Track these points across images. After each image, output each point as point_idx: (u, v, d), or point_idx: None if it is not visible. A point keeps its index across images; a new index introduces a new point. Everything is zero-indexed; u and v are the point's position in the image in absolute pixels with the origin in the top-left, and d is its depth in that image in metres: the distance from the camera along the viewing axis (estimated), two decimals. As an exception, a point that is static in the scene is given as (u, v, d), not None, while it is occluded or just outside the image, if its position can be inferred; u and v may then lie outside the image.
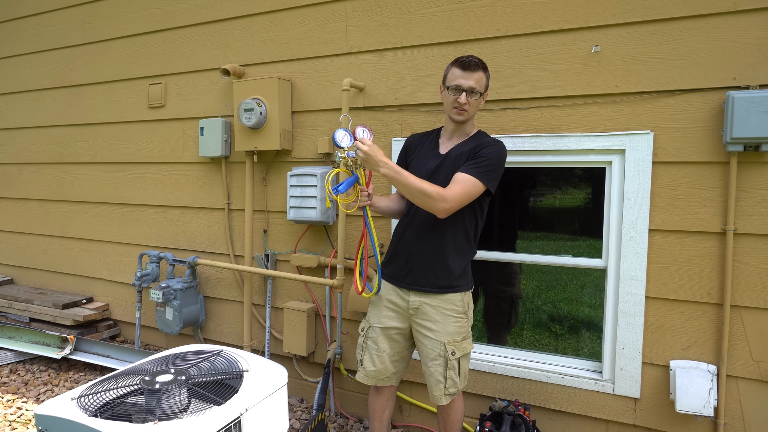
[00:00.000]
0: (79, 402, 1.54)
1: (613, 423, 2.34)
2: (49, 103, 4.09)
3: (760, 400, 2.09)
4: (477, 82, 2.00)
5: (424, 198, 1.90)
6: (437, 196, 1.89)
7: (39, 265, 4.33)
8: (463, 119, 2.06)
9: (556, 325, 2.58)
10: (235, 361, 1.84)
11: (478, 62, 2.01)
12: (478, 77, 2.01)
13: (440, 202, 1.89)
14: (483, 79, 2.03)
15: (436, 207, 1.90)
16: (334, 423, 2.87)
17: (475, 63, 2.00)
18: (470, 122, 2.11)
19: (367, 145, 1.91)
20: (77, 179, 3.99)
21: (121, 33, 3.65)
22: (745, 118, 1.94)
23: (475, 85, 2.00)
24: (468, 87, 2.00)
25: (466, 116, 2.05)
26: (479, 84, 2.01)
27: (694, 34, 2.08)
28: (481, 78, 2.02)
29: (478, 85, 2.01)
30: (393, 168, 1.91)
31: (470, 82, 2.00)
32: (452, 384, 2.06)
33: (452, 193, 1.91)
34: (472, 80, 2.00)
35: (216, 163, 3.33)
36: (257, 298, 3.24)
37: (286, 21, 3.00)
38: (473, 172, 1.94)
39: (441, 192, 1.89)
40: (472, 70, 2.00)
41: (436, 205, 1.90)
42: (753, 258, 2.06)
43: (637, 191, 2.20)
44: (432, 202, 1.90)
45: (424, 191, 1.89)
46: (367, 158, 1.91)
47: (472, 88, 2.00)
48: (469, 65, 2.00)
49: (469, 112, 2.04)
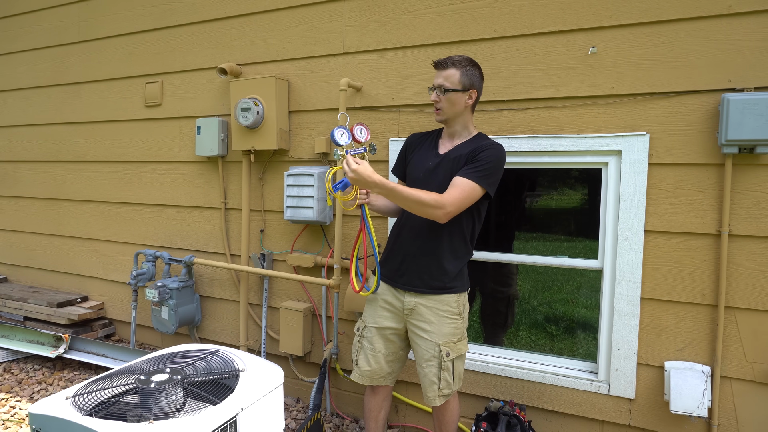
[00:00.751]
0: (73, 401, 1.54)
1: (608, 423, 2.35)
2: (44, 101, 4.07)
3: (753, 401, 2.10)
4: (446, 78, 2.00)
5: (423, 207, 1.89)
6: (435, 203, 1.87)
7: (34, 264, 4.31)
8: (440, 118, 2.06)
9: (552, 325, 2.58)
10: (231, 360, 1.84)
11: (452, 60, 2.00)
12: (448, 74, 2.00)
13: (439, 209, 1.88)
14: (455, 76, 1.99)
15: (435, 214, 1.90)
16: (330, 423, 2.87)
17: (446, 61, 2.01)
18: (462, 123, 2.09)
19: (355, 166, 1.83)
20: (73, 178, 3.98)
21: (118, 31, 3.64)
22: (740, 120, 1.95)
23: (443, 81, 2.00)
24: (437, 84, 2.01)
25: (442, 115, 2.05)
26: (449, 80, 1.99)
27: (690, 36, 2.09)
28: (451, 75, 1.99)
29: (447, 81, 1.99)
30: (385, 186, 1.87)
31: (439, 80, 2.01)
32: (446, 385, 2.06)
33: (450, 199, 1.90)
34: (441, 77, 2.01)
35: (213, 163, 3.32)
36: (253, 297, 3.23)
37: (284, 20, 2.99)
38: (472, 176, 1.93)
39: (438, 199, 1.88)
40: (441, 68, 2.01)
41: (435, 212, 1.89)
42: (747, 259, 2.07)
43: (632, 193, 2.20)
44: (431, 210, 1.89)
45: (421, 201, 1.87)
46: (357, 179, 1.84)
47: (441, 85, 2.00)
48: (439, 64, 2.02)
49: (444, 110, 2.03)
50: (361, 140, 2.03)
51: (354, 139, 2.00)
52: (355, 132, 2.01)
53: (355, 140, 2.01)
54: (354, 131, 2.01)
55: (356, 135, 2.01)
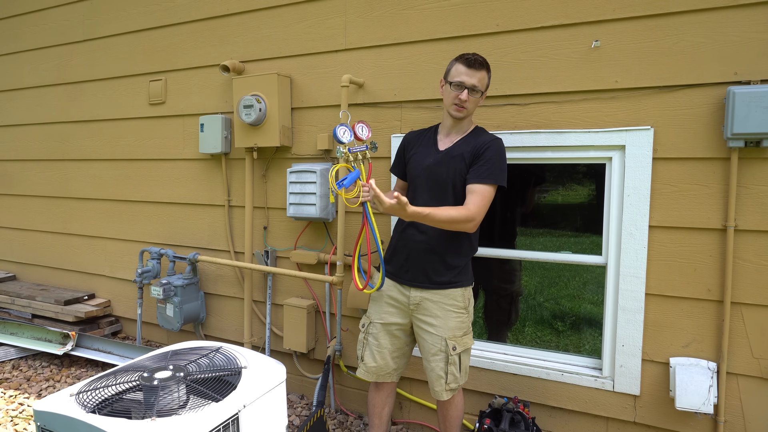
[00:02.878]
0: (77, 398, 1.55)
1: (613, 420, 2.33)
2: (50, 100, 4.09)
3: (760, 398, 2.08)
4: (480, 81, 2.02)
5: (455, 224, 1.93)
6: (466, 218, 1.92)
7: (41, 262, 4.34)
8: (462, 116, 2.06)
9: (557, 322, 2.57)
10: (234, 357, 1.84)
11: (483, 61, 2.02)
12: (482, 76, 2.02)
13: (469, 222, 1.94)
14: (485, 79, 2.04)
15: (467, 227, 1.96)
16: (333, 419, 2.88)
17: (479, 62, 2.01)
18: (469, 119, 2.12)
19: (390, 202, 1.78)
20: (79, 176, 4.00)
21: (122, 29, 3.65)
22: (746, 113, 1.92)
23: (477, 83, 2.01)
24: (471, 85, 2.00)
25: (464, 113, 2.05)
26: (482, 83, 2.03)
27: (696, 28, 2.07)
28: (484, 77, 2.03)
29: (480, 84, 2.02)
30: (420, 214, 1.85)
31: (473, 80, 2.00)
32: (453, 379, 2.06)
33: (477, 209, 1.95)
34: (476, 78, 2.01)
35: (216, 160, 3.33)
36: (257, 294, 3.24)
37: (286, 17, 2.99)
38: (486, 178, 1.98)
39: (467, 213, 1.93)
40: (476, 69, 2.01)
41: (466, 226, 1.95)
42: (754, 255, 2.04)
43: (637, 187, 2.18)
44: (462, 225, 1.94)
45: (453, 219, 1.91)
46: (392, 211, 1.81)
47: (474, 86, 2.01)
48: (474, 63, 2.00)
49: (468, 109, 2.05)
50: (362, 138, 2.03)
51: (356, 136, 2.01)
52: (356, 130, 2.02)
53: (357, 138, 2.02)
54: (356, 129, 2.01)
55: (358, 133, 2.02)
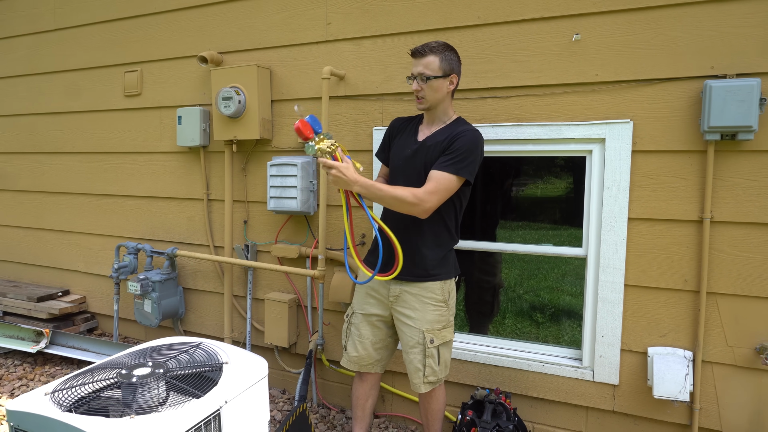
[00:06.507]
0: (53, 397, 1.50)
1: (593, 409, 2.37)
2: (20, 91, 3.96)
3: (734, 385, 2.13)
4: (426, 66, 1.99)
5: (402, 204, 1.92)
6: (414, 200, 1.90)
7: (12, 258, 4.22)
8: (424, 107, 2.06)
9: (537, 313, 2.60)
10: (215, 353, 1.82)
11: (429, 47, 1.99)
12: (427, 62, 1.99)
13: (417, 206, 1.91)
14: (434, 62, 1.98)
15: (414, 210, 1.93)
16: (316, 413, 2.87)
17: (423, 48, 2.00)
18: (443, 108, 2.08)
19: (336, 168, 1.86)
20: (51, 169, 3.89)
21: (95, 18, 3.54)
22: (722, 107, 1.96)
23: (423, 69, 1.99)
24: (417, 73, 2.00)
25: (425, 103, 2.04)
26: (429, 68, 1.98)
27: (673, 23, 2.09)
28: (431, 62, 1.98)
29: (428, 68, 1.98)
30: (365, 185, 1.90)
31: (418, 68, 2.00)
32: (431, 372, 2.06)
33: (428, 194, 1.92)
34: (421, 66, 1.99)
35: (194, 153, 3.27)
36: (238, 289, 3.20)
37: (265, 7, 2.94)
38: (448, 167, 1.94)
39: (417, 194, 1.90)
40: (419, 57, 2.00)
41: (414, 209, 1.92)
42: (729, 245, 2.09)
43: (616, 180, 2.21)
44: (410, 207, 1.92)
45: (399, 198, 1.90)
46: (337, 180, 1.88)
47: (421, 73, 1.99)
48: (416, 53, 2.01)
49: (427, 98, 2.02)
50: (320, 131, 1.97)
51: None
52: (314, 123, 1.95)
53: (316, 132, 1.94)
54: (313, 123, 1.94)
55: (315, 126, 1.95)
